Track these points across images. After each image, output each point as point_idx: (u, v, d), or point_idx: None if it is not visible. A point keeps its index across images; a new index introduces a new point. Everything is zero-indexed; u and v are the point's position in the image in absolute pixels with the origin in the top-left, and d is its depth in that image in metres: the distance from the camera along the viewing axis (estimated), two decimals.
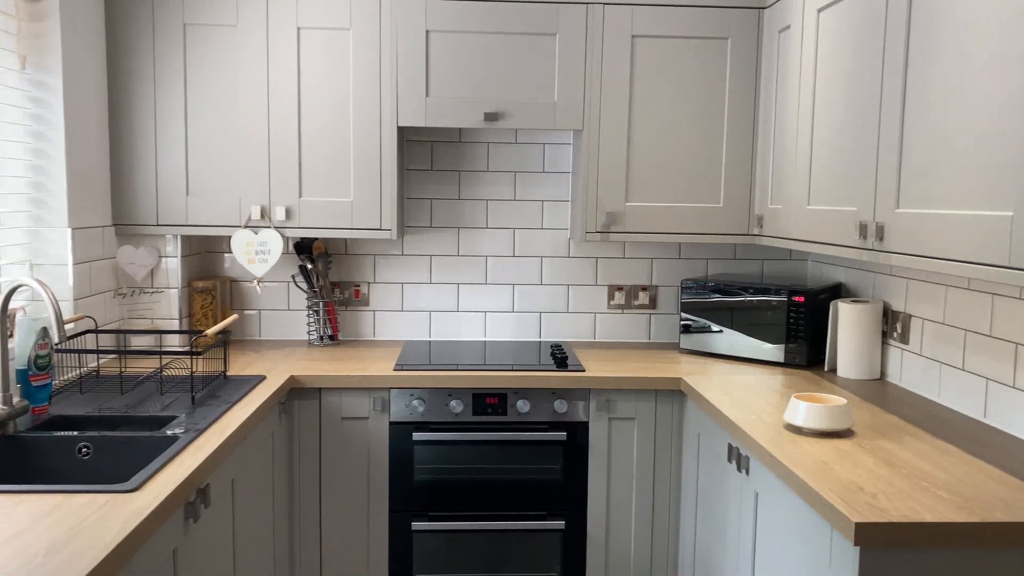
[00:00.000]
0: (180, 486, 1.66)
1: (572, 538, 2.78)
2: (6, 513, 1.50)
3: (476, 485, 2.74)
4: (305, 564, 2.74)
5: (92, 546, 1.36)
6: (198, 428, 2.02)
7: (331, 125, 2.87)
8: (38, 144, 2.53)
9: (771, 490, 1.99)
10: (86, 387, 2.43)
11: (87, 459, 1.98)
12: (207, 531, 1.91)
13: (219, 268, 3.27)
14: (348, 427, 2.72)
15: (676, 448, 2.77)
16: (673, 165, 2.94)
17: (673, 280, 3.33)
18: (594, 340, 3.34)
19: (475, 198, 3.28)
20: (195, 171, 2.86)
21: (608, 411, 2.74)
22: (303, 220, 2.90)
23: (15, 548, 1.35)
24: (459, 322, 3.32)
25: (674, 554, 2.80)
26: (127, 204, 2.86)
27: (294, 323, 3.29)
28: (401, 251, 3.29)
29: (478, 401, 2.72)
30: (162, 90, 2.83)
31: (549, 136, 3.26)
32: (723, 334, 2.99)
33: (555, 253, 3.30)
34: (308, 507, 2.73)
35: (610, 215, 2.94)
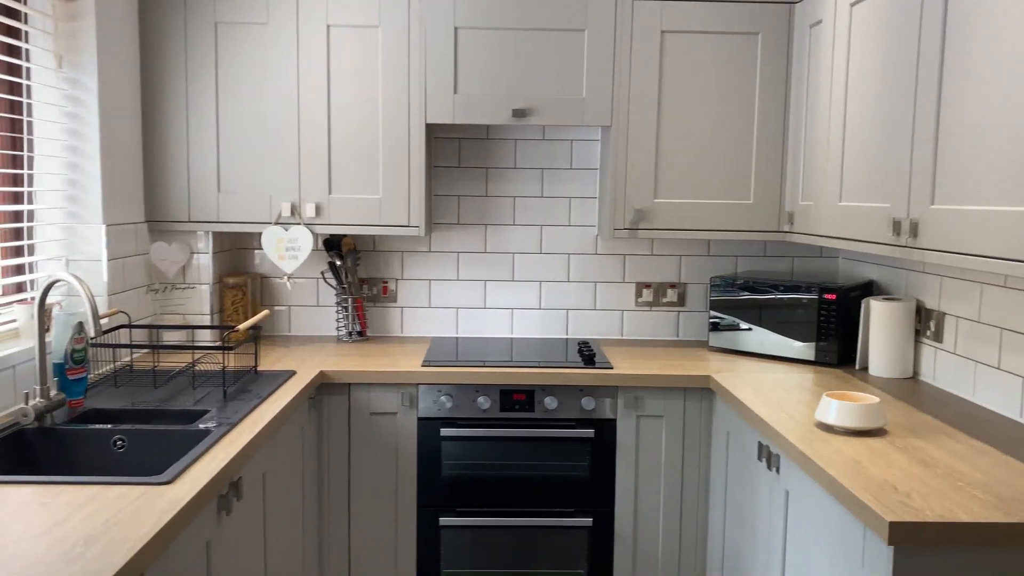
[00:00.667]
0: (213, 479, 1.68)
1: (600, 536, 2.77)
2: (45, 503, 1.52)
3: (504, 481, 2.75)
4: (334, 558, 2.76)
5: (129, 537, 1.38)
6: (230, 422, 2.04)
7: (360, 122, 2.89)
8: (74, 142, 2.57)
9: (802, 489, 1.97)
10: (120, 381, 2.47)
11: (122, 452, 2.02)
12: (239, 524, 1.93)
13: (249, 264, 3.30)
14: (377, 422, 2.73)
15: (705, 446, 2.75)
16: (703, 161, 2.92)
17: (702, 277, 3.31)
18: (621, 337, 3.33)
19: (502, 195, 3.28)
20: (226, 168, 2.90)
21: (636, 409, 2.73)
22: (332, 217, 2.92)
23: (55, 537, 1.38)
24: (486, 319, 3.32)
25: (702, 553, 2.78)
26: (160, 201, 2.90)
27: (323, 319, 3.32)
28: (428, 248, 3.30)
29: (505, 397, 2.72)
30: (194, 88, 2.86)
31: (577, 132, 3.26)
32: (752, 332, 2.97)
33: (582, 250, 3.30)
34: (337, 501, 2.75)
35: (638, 212, 2.92)
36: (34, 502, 1.53)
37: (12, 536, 1.38)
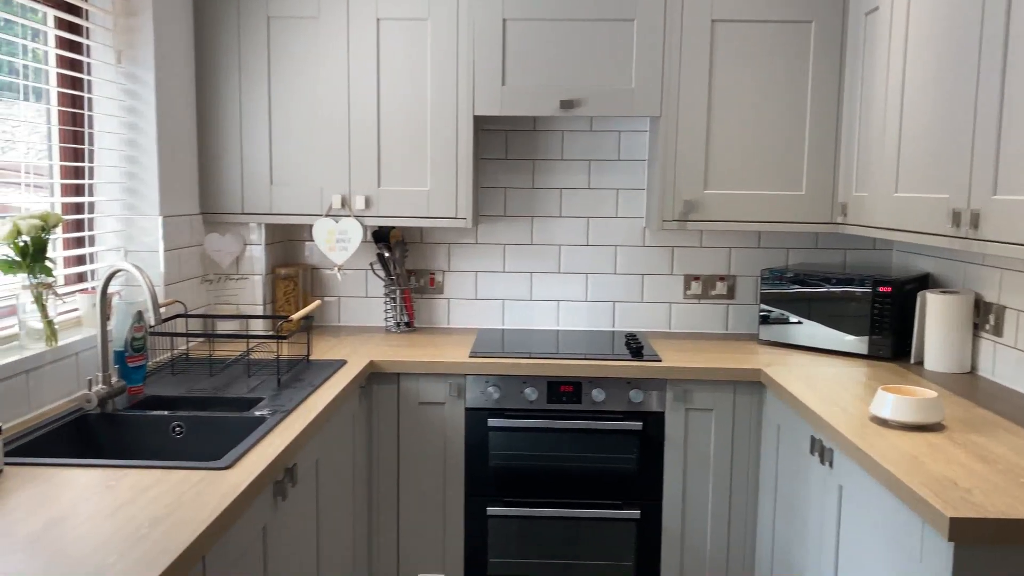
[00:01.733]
0: (270, 465, 1.72)
1: (647, 528, 2.77)
2: (110, 485, 1.57)
3: (551, 472, 2.75)
4: (383, 545, 2.80)
5: (191, 519, 1.42)
6: (285, 410, 2.08)
7: (408, 115, 2.91)
8: (132, 135, 2.63)
9: (856, 483, 1.94)
10: (177, 369, 2.53)
11: (180, 438, 2.07)
12: (294, 510, 1.96)
13: (300, 256, 3.35)
14: (425, 412, 2.76)
15: (755, 440, 2.72)
16: (754, 152, 2.88)
17: (752, 270, 3.28)
18: (669, 330, 3.31)
19: (549, 187, 3.28)
20: (278, 161, 2.94)
21: (685, 402, 2.71)
22: (381, 209, 2.95)
23: (121, 519, 1.42)
24: (532, 311, 3.33)
25: (751, 547, 2.76)
26: (214, 193, 2.95)
27: (372, 310, 3.36)
28: (475, 240, 3.31)
29: (553, 389, 2.73)
30: (247, 82, 2.91)
31: (625, 123, 3.24)
32: (803, 325, 2.93)
33: (630, 242, 3.28)
34: (386, 489, 2.78)
35: (688, 203, 2.90)
36: (100, 484, 1.58)
37: (81, 517, 1.43)
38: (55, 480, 1.60)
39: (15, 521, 1.41)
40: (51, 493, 1.53)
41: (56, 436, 1.94)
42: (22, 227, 2.04)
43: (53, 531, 1.37)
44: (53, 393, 2.10)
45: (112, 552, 1.29)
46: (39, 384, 2.04)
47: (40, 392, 2.05)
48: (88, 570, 1.23)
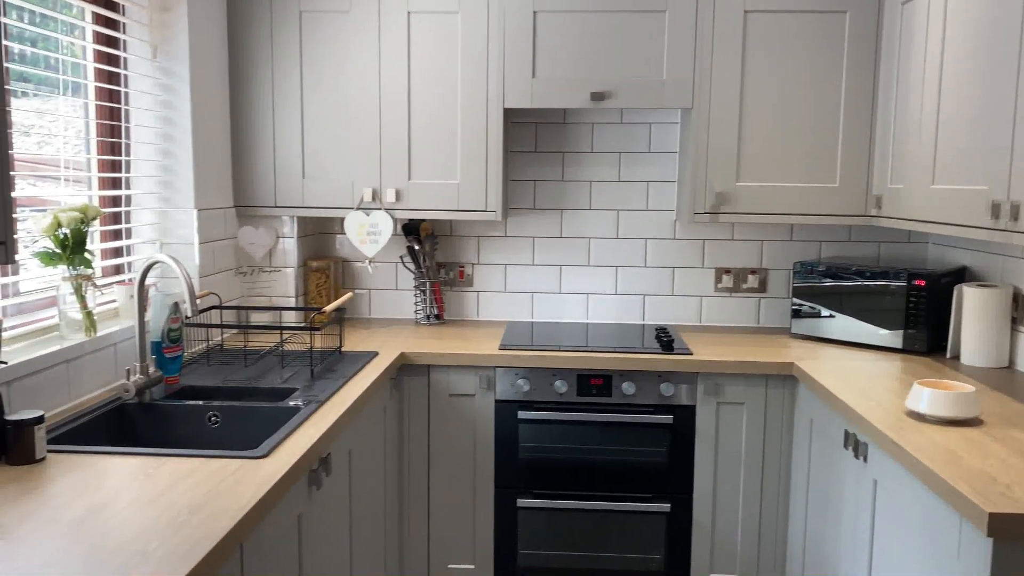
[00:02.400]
0: (305, 454, 1.74)
1: (677, 522, 2.76)
2: (150, 473, 1.60)
3: (580, 464, 2.76)
4: (414, 534, 2.82)
5: (229, 507, 1.44)
6: (318, 400, 2.10)
7: (439, 108, 2.92)
8: (167, 129, 2.66)
9: (892, 478, 1.92)
10: (212, 359, 2.56)
11: (216, 427, 2.10)
12: (328, 499, 1.98)
13: (332, 248, 3.37)
14: (455, 403, 2.77)
15: (787, 434, 2.70)
16: (787, 144, 2.86)
17: (784, 263, 3.25)
18: (700, 324, 3.29)
19: (579, 179, 3.27)
20: (310, 155, 2.96)
21: (716, 395, 2.70)
22: (412, 202, 2.97)
23: (162, 506, 1.44)
24: (561, 304, 3.33)
25: (783, 541, 2.74)
26: (247, 186, 2.98)
27: (402, 302, 3.38)
28: (504, 233, 3.32)
29: (583, 382, 2.73)
30: (279, 76, 2.93)
31: (656, 115, 3.22)
32: (836, 319, 2.90)
33: (660, 235, 3.27)
34: (417, 479, 2.80)
35: (720, 195, 2.88)
36: (140, 472, 1.61)
37: (122, 503, 1.45)
38: (96, 467, 1.63)
39: (59, 506, 1.44)
40: (92, 480, 1.56)
41: (96, 424, 1.98)
42: (62, 220, 2.07)
43: (95, 517, 1.39)
44: (92, 383, 2.14)
45: (153, 538, 1.31)
46: (79, 374, 2.08)
47: (80, 381, 2.09)
48: (130, 555, 1.25)
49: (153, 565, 1.22)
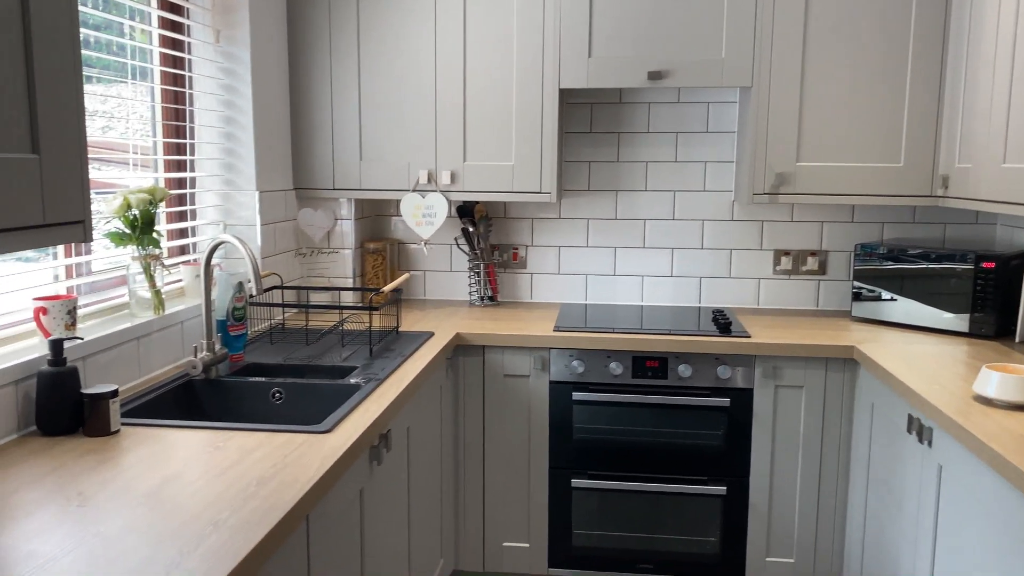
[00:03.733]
0: (367, 430, 1.77)
1: (733, 505, 2.74)
2: (219, 446, 1.65)
3: (635, 446, 2.75)
4: (470, 512, 2.85)
5: (296, 479, 1.48)
6: (378, 378, 2.14)
7: (494, 89, 2.92)
8: (230, 113, 2.72)
9: (958, 463, 1.88)
10: (275, 338, 2.62)
11: (279, 403, 2.15)
12: (388, 474, 2.02)
13: (388, 230, 3.41)
14: (510, 384, 2.79)
15: (847, 418, 2.66)
16: (849, 122, 2.79)
17: (845, 245, 3.18)
18: (757, 307, 3.25)
19: (634, 160, 3.25)
20: (368, 137, 2.99)
21: (775, 378, 2.66)
22: (467, 184, 2.98)
23: (231, 477, 1.49)
24: (615, 286, 3.31)
25: (841, 526, 2.70)
26: (306, 169, 3.03)
27: (456, 284, 3.40)
28: (559, 214, 3.31)
29: (638, 364, 2.72)
30: (337, 59, 2.96)
31: (714, 95, 3.17)
32: (898, 302, 2.83)
33: (717, 216, 3.23)
34: (472, 457, 2.83)
35: (779, 176, 2.83)
36: (209, 445, 1.66)
37: (194, 475, 1.50)
38: (167, 440, 1.69)
39: (134, 477, 1.49)
40: (164, 452, 1.62)
41: (165, 399, 2.04)
42: (132, 201, 2.14)
43: (169, 487, 1.44)
44: (161, 359, 2.21)
45: (224, 508, 1.36)
46: (148, 350, 2.15)
47: (149, 358, 2.16)
48: (203, 524, 1.30)
49: (226, 534, 1.26)
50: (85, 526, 1.28)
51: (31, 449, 1.63)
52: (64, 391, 1.71)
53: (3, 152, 1.16)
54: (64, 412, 1.71)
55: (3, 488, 1.43)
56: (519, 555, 2.84)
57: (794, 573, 2.74)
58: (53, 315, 1.83)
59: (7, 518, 1.31)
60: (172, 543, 1.23)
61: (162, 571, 1.14)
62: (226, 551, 1.20)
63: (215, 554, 1.19)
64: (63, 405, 1.71)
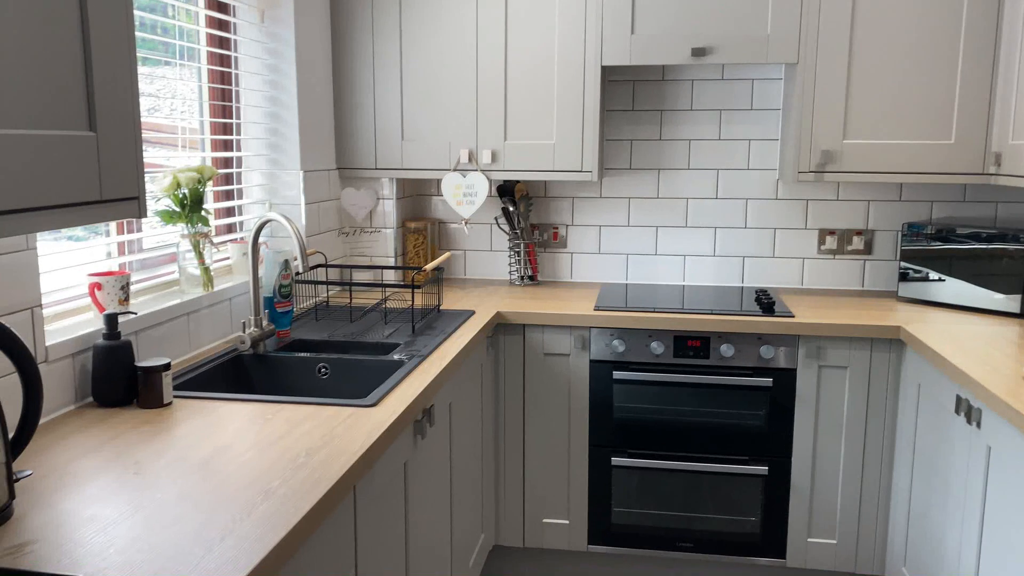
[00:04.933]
0: (411, 405, 1.80)
1: (774, 485, 2.73)
2: (268, 418, 1.69)
3: (676, 425, 2.75)
4: (510, 488, 2.88)
5: (344, 450, 1.51)
6: (421, 355, 2.16)
7: (536, 67, 2.91)
8: (274, 92, 2.75)
9: (1008, 444, 1.85)
10: (320, 315, 2.66)
11: (325, 378, 2.18)
12: (431, 449, 2.05)
13: (429, 210, 3.43)
14: (550, 362, 2.80)
15: (892, 399, 2.62)
16: (898, 99, 2.73)
17: (892, 224, 3.12)
18: (801, 287, 3.21)
19: (677, 138, 3.22)
20: (409, 117, 3.01)
21: (818, 359, 2.64)
22: (507, 163, 2.98)
23: (281, 449, 1.52)
24: (657, 266, 3.30)
25: (885, 508, 2.68)
26: (349, 149, 3.06)
27: (496, 263, 3.41)
28: (599, 194, 3.30)
29: (679, 343, 2.71)
30: (379, 39, 2.98)
31: (758, 71, 3.13)
32: (946, 283, 2.78)
33: (761, 195, 3.19)
34: (513, 435, 2.85)
35: (825, 153, 2.79)
36: (258, 417, 1.70)
37: (245, 445, 1.54)
38: (218, 412, 1.73)
39: (187, 447, 1.54)
40: (215, 423, 1.66)
41: (215, 373, 2.09)
42: (181, 180, 2.18)
43: (221, 456, 1.48)
44: (210, 335, 2.26)
45: (275, 477, 1.39)
46: (198, 326, 2.20)
47: (199, 333, 2.21)
48: (255, 492, 1.33)
49: (277, 502, 1.29)
50: (142, 492, 1.33)
51: (89, 419, 1.69)
52: (119, 364, 1.77)
53: (62, 129, 1.20)
54: (119, 384, 1.77)
55: (64, 456, 1.48)
56: (559, 531, 2.87)
57: (836, 554, 2.72)
58: (107, 290, 1.88)
59: (69, 484, 1.36)
60: (226, 509, 1.26)
61: (217, 536, 1.18)
62: (278, 518, 1.24)
63: (267, 520, 1.23)
64: (118, 377, 1.76)
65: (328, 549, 1.41)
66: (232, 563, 1.10)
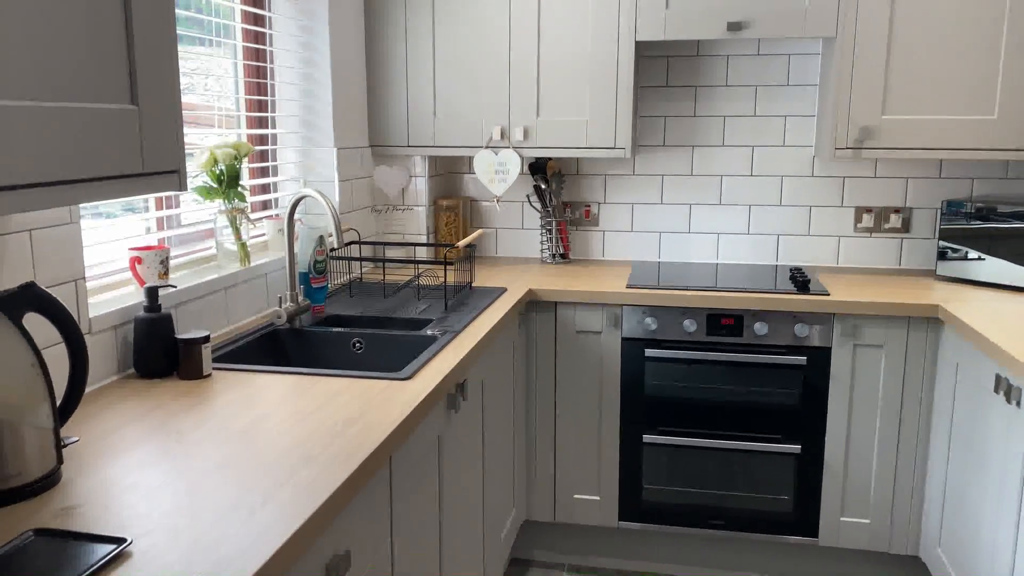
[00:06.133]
0: (444, 379, 1.81)
1: (807, 464, 2.71)
2: (305, 390, 1.71)
3: (708, 403, 2.74)
4: (541, 464, 2.90)
5: (380, 422, 1.53)
6: (454, 330, 2.18)
7: (568, 43, 2.89)
8: (308, 70, 2.76)
9: None
10: (353, 291, 2.69)
11: (360, 352, 2.21)
12: (464, 423, 2.07)
13: (460, 188, 3.44)
14: (582, 340, 2.80)
15: (928, 378, 2.59)
16: (939, 72, 2.67)
17: (931, 202, 3.07)
18: (837, 265, 3.17)
19: (711, 115, 3.18)
20: (441, 95, 3.01)
21: (854, 337, 2.61)
22: (540, 140, 2.97)
23: (318, 419, 1.55)
24: (690, 243, 3.28)
25: (920, 488, 2.65)
26: (381, 126, 3.07)
27: (527, 241, 3.41)
28: (632, 171, 3.28)
29: (712, 321, 2.70)
30: (412, 15, 2.97)
31: (795, 46, 3.08)
32: (986, 262, 2.73)
33: (797, 172, 3.15)
34: (544, 411, 2.87)
35: (864, 129, 2.74)
36: (295, 389, 1.72)
37: (282, 415, 1.57)
38: (256, 384, 1.76)
39: (227, 416, 1.57)
40: (254, 395, 1.69)
41: (252, 347, 2.13)
42: (218, 156, 2.21)
43: (260, 426, 1.51)
44: (247, 310, 2.29)
45: (314, 446, 1.41)
46: (235, 301, 2.23)
47: (236, 308, 2.24)
48: (295, 460, 1.35)
49: (316, 469, 1.32)
50: (184, 460, 1.36)
51: (131, 390, 1.72)
52: (159, 336, 1.80)
53: (106, 103, 1.22)
54: (159, 356, 1.80)
55: (108, 424, 1.52)
56: (589, 507, 2.88)
57: (869, 533, 2.71)
58: (147, 264, 1.92)
59: (113, 451, 1.40)
60: (266, 476, 1.29)
61: (259, 501, 1.20)
62: (317, 485, 1.26)
63: (307, 487, 1.25)
64: (159, 349, 1.80)
65: (365, 517, 1.44)
66: (274, 527, 1.13)
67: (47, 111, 1.11)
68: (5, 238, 1.51)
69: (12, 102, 1.05)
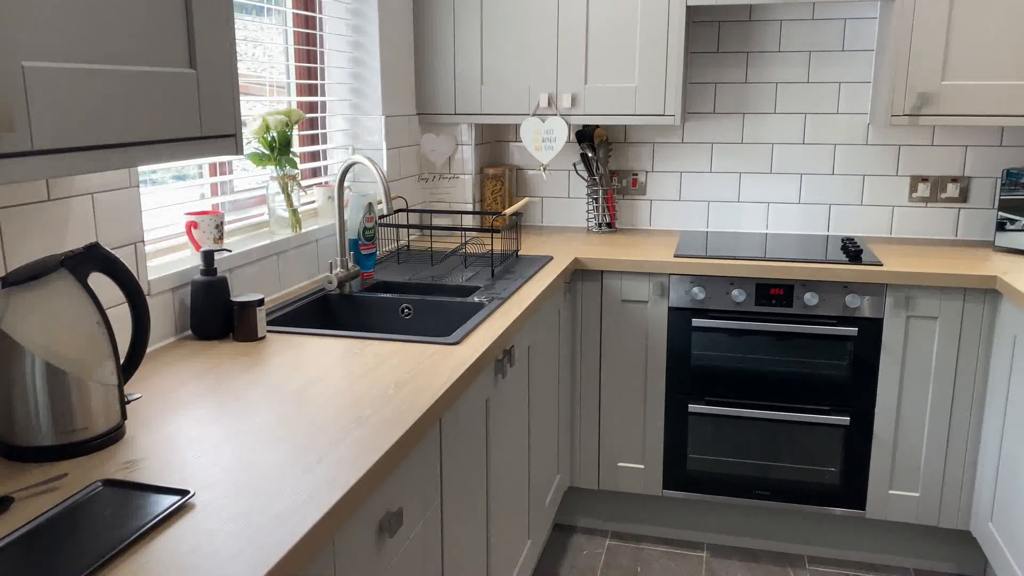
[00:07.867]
0: (492, 344, 1.83)
1: (856, 436, 2.68)
2: (357, 353, 1.74)
3: (755, 374, 2.72)
4: (585, 431, 2.91)
5: (430, 384, 1.55)
6: (501, 297, 2.19)
7: (618, 7, 2.85)
8: (356, 38, 2.77)
9: None
10: (401, 258, 2.71)
11: (408, 318, 2.24)
12: (511, 388, 2.09)
13: (506, 156, 3.43)
14: (628, 309, 2.79)
15: (984, 351, 2.54)
16: (1002, 36, 2.58)
17: (991, 171, 2.98)
18: (890, 236, 3.11)
19: (763, 81, 3.12)
20: (488, 61, 3.00)
21: (907, 308, 2.56)
22: (587, 107, 2.95)
23: (370, 381, 1.58)
24: (739, 213, 3.24)
25: (972, 463, 2.61)
26: (429, 94, 3.07)
27: (573, 210, 3.40)
28: (681, 139, 3.24)
29: (761, 291, 2.67)
30: None
31: (851, 10, 2.99)
32: None
33: (851, 140, 3.08)
34: (589, 380, 2.88)
35: (922, 96, 2.66)
36: (347, 352, 1.75)
37: (335, 377, 1.60)
38: (308, 347, 1.80)
39: (281, 377, 1.60)
40: (306, 357, 1.73)
41: (304, 311, 2.16)
42: (270, 122, 2.23)
43: (314, 387, 1.55)
44: (298, 275, 2.33)
45: (366, 407, 1.44)
46: (287, 266, 2.27)
47: (288, 273, 2.28)
48: (348, 420, 1.38)
49: (369, 428, 1.35)
50: (242, 418, 1.40)
51: (189, 350, 1.77)
52: (215, 298, 1.84)
53: (165, 67, 1.24)
54: (216, 318, 1.85)
55: (169, 383, 1.57)
56: (633, 475, 2.89)
57: (919, 506, 2.67)
58: (203, 229, 1.96)
59: (174, 408, 1.44)
60: (321, 434, 1.32)
61: (314, 458, 1.24)
62: (370, 443, 1.29)
63: (361, 446, 1.28)
64: (215, 311, 1.84)
65: (416, 476, 1.47)
66: (330, 483, 1.16)
67: (109, 74, 1.13)
68: (69, 201, 1.55)
69: (76, 64, 1.08)
